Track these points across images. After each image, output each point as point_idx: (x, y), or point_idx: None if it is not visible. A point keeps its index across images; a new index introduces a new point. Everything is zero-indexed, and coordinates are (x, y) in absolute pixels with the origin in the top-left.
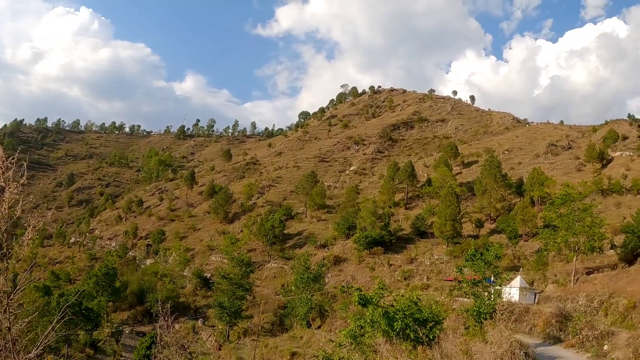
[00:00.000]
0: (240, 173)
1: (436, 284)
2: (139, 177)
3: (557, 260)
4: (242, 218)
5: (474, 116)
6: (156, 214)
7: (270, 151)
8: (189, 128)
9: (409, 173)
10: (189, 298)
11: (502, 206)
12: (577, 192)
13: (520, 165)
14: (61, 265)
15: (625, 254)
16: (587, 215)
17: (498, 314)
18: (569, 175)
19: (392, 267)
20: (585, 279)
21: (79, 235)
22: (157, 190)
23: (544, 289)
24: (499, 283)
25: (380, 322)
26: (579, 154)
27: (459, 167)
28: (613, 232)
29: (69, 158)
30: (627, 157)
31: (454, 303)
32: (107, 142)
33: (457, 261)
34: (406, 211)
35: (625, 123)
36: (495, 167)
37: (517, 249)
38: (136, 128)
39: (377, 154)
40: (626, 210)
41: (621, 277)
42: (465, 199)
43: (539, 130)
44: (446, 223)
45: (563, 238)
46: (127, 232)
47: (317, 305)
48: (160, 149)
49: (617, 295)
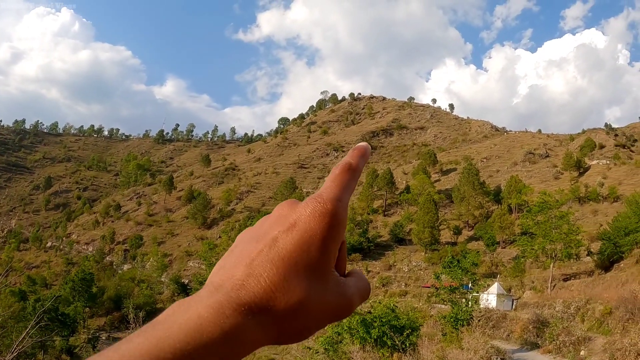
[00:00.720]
0: (219, 178)
1: (414, 291)
2: (117, 181)
3: (534, 267)
4: (220, 224)
5: (452, 124)
6: (134, 219)
7: (250, 157)
8: (168, 132)
9: (387, 180)
10: (167, 304)
11: (480, 213)
12: (554, 199)
13: (498, 173)
14: (37, 270)
15: (601, 260)
16: (564, 222)
17: (475, 320)
18: (546, 183)
19: (370, 273)
20: (562, 286)
21: (56, 240)
22: (135, 195)
23: (521, 295)
24: (477, 290)
25: (358, 329)
26: (556, 162)
27: (437, 174)
28: (590, 239)
29: (47, 161)
30: (604, 166)
31: (431, 310)
32: (86, 145)
33: (435, 268)
34: (384, 218)
35: (602, 132)
36: (474, 175)
37: (494, 256)
38: (115, 132)
39: None
40: (603, 218)
41: (597, 283)
42: (444, 206)
43: (517, 138)
44: (424, 230)
45: (540, 245)
46: (105, 237)
47: None
48: (139, 153)
49: (593, 302)
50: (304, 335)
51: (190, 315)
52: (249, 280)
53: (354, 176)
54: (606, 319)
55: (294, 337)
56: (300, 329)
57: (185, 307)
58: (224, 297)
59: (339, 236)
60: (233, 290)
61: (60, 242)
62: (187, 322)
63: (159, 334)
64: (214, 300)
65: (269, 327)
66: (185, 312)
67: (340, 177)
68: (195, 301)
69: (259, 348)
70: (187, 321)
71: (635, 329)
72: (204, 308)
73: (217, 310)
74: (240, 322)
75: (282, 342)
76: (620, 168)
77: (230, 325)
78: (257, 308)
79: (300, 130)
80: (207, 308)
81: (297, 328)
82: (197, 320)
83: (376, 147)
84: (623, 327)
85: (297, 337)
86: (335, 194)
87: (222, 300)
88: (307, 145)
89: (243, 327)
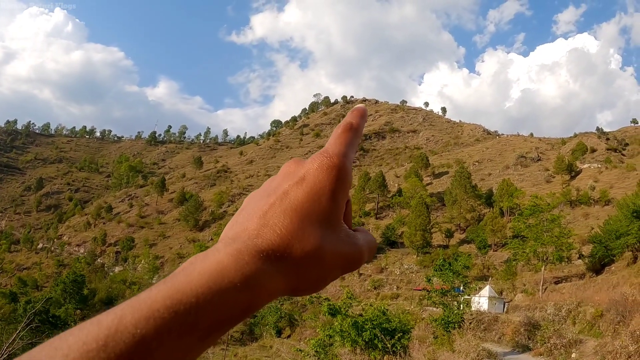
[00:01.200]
0: (211, 181)
1: (406, 294)
2: (108, 183)
3: (525, 270)
4: (212, 226)
5: (445, 127)
6: (126, 221)
7: (242, 159)
8: (161, 134)
9: (379, 183)
10: None
11: (472, 217)
12: (546, 203)
13: (490, 176)
14: (28, 272)
15: (592, 263)
16: (555, 225)
17: (466, 323)
18: (538, 186)
19: (362, 276)
20: (553, 289)
21: (47, 241)
22: (127, 197)
23: (512, 298)
24: (468, 293)
25: (350, 331)
26: (548, 166)
27: (429, 177)
28: (581, 243)
29: (39, 162)
30: (595, 169)
31: (423, 312)
32: (78, 146)
33: (426, 271)
34: (376, 221)
35: (593, 136)
36: (466, 178)
37: (486, 259)
38: (107, 133)
39: None
40: (594, 221)
41: (589, 286)
42: (436, 209)
43: (509, 142)
44: (416, 233)
45: (532, 248)
46: (96, 239)
47: (286, 315)
48: (131, 155)
49: (584, 304)
50: (320, 285)
51: (210, 263)
52: (264, 229)
53: (356, 134)
54: (597, 322)
55: (311, 287)
56: (316, 278)
57: (202, 257)
58: (242, 245)
59: (346, 189)
60: (250, 239)
61: (51, 244)
62: (208, 268)
63: (180, 279)
64: (232, 248)
65: (288, 274)
66: (204, 260)
67: (343, 135)
68: (212, 252)
69: (279, 297)
70: (207, 267)
71: (626, 332)
72: (224, 256)
73: (236, 257)
74: (260, 268)
75: (301, 291)
76: (611, 172)
77: (250, 271)
78: (275, 255)
79: (292, 133)
80: (226, 256)
81: (313, 276)
82: (217, 266)
83: (369, 150)
84: (614, 329)
85: (314, 287)
86: (341, 150)
87: (240, 248)
88: (299, 147)
89: (263, 273)
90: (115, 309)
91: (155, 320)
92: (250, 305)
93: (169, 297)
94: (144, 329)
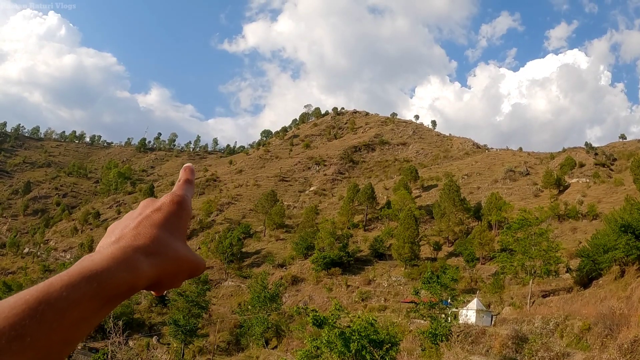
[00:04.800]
0: (200, 189)
1: (394, 306)
2: (97, 188)
3: (513, 283)
4: (200, 235)
5: (434, 140)
6: None
7: (231, 168)
8: (150, 141)
9: (368, 195)
10: (144, 314)
11: (460, 230)
12: (534, 217)
13: (479, 190)
14: (13, 276)
15: (580, 277)
16: (543, 239)
17: (454, 335)
18: (526, 200)
19: (349, 288)
20: (541, 302)
21: (33, 246)
22: (115, 203)
23: (500, 311)
24: (456, 305)
25: (337, 343)
26: (536, 180)
27: (418, 190)
28: (569, 256)
29: (27, 165)
30: (584, 184)
31: (410, 325)
32: (67, 151)
33: (414, 283)
34: (365, 233)
35: (582, 151)
36: (454, 192)
37: (474, 272)
38: (97, 138)
39: (337, 175)
40: (582, 235)
41: (576, 300)
42: (424, 222)
43: (498, 156)
44: (404, 245)
45: (520, 262)
46: (83, 245)
47: (273, 325)
48: (120, 161)
49: (572, 318)
50: (175, 282)
51: (104, 253)
52: (138, 236)
53: (191, 184)
54: (585, 335)
55: (170, 282)
56: (174, 274)
57: (95, 253)
58: (124, 244)
59: (189, 216)
60: (129, 241)
61: (37, 249)
62: (104, 256)
63: (85, 264)
64: (118, 245)
65: (158, 267)
66: (98, 253)
67: (184, 184)
68: (101, 249)
69: (148, 285)
70: (103, 256)
71: (614, 345)
72: (113, 249)
73: (123, 250)
74: (139, 259)
75: (162, 285)
76: (599, 186)
77: (133, 259)
78: (148, 252)
79: (282, 143)
80: (115, 249)
81: (172, 273)
82: (110, 255)
83: (358, 162)
84: (602, 342)
85: (172, 283)
86: (183, 192)
87: (124, 245)
88: (289, 158)
89: (141, 262)
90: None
91: (74, 287)
92: (134, 285)
93: (82, 272)
94: (71, 292)
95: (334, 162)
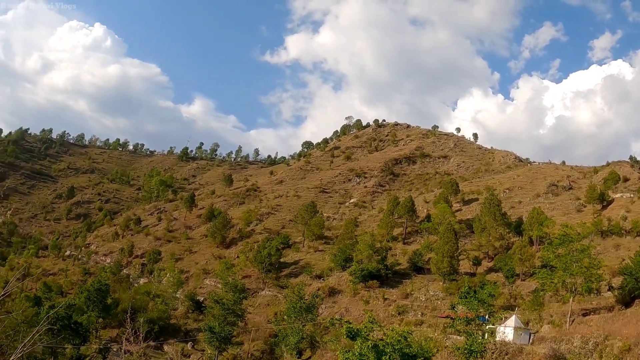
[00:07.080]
0: (240, 199)
1: (430, 321)
2: (139, 195)
3: (553, 300)
4: (239, 244)
5: (476, 154)
6: (153, 234)
7: (272, 179)
8: (192, 150)
9: (408, 208)
10: (180, 320)
11: (501, 245)
12: (576, 232)
13: (520, 204)
14: (54, 278)
15: (622, 296)
16: (585, 256)
17: (489, 352)
18: (568, 215)
19: (386, 301)
20: (581, 321)
21: (75, 249)
22: (156, 210)
23: (539, 329)
24: (493, 322)
25: (369, 355)
26: (579, 195)
27: (459, 204)
28: (611, 274)
29: (71, 171)
30: (628, 199)
31: (447, 340)
32: (110, 158)
33: (452, 298)
34: (404, 246)
35: (626, 165)
36: (495, 206)
37: (513, 288)
38: (140, 146)
39: (378, 187)
40: (625, 252)
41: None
42: (464, 236)
43: (540, 170)
44: (443, 259)
45: (560, 278)
46: (123, 250)
47: (308, 336)
48: (162, 169)
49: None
50: None
51: None
52: None
53: None
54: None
55: None
56: None
57: None
58: None
59: None
60: None
61: (78, 252)
62: None
63: None
64: None
65: None
66: None
67: None
68: None
69: None
70: None
71: None
72: None
73: None
74: None
75: None
76: None
77: None
78: None
79: (323, 155)
80: None
81: None
82: None
83: (398, 175)
84: None
85: None
86: None
87: None
88: (329, 170)
89: None
90: None
91: None
92: None
93: None
94: None
95: (375, 174)
